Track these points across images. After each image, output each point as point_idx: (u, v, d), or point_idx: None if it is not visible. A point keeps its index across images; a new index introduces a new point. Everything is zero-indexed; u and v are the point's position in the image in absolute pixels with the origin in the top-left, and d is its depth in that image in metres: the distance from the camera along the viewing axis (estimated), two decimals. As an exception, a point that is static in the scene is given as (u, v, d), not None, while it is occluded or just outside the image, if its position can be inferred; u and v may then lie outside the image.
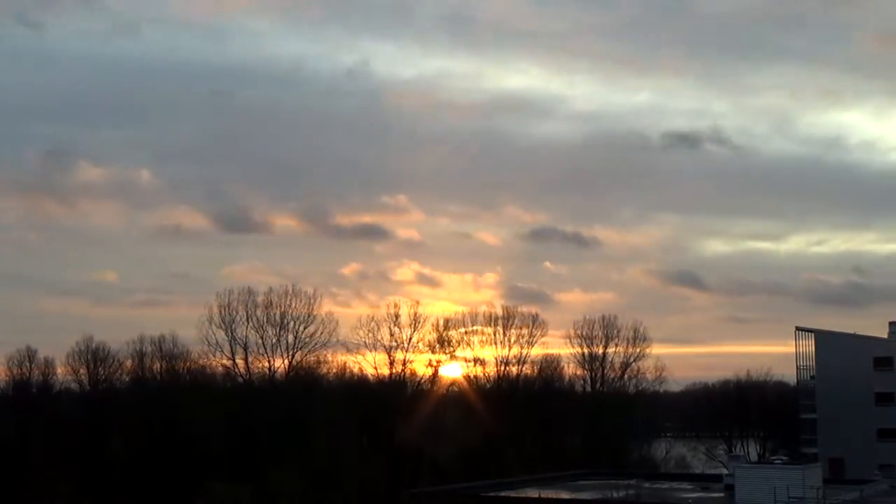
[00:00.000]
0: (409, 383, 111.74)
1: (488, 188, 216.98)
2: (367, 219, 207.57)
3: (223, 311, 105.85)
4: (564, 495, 66.02)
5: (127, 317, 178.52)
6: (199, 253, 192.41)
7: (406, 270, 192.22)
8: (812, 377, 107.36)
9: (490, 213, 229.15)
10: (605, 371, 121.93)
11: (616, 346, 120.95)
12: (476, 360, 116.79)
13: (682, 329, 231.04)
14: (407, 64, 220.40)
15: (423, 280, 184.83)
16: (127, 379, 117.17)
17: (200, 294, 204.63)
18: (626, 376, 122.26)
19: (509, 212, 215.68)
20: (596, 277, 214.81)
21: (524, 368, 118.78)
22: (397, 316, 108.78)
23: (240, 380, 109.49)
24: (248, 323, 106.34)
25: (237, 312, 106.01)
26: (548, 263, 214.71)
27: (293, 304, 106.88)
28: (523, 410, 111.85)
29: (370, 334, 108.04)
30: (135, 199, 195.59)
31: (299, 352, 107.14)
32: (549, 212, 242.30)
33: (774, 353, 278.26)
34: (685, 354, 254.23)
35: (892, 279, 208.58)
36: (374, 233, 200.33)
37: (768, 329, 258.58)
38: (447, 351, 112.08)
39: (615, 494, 63.94)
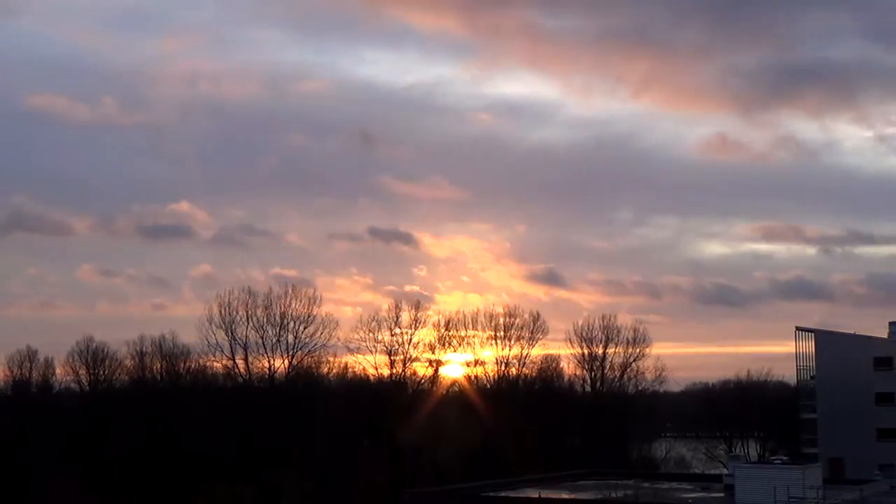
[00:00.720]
0: (409, 383, 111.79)
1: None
2: (166, 221, 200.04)
3: (223, 312, 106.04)
4: (564, 495, 66.08)
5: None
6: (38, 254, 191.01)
7: (264, 273, 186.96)
8: (812, 377, 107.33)
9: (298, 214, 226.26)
10: (605, 371, 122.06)
11: (616, 346, 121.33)
12: (476, 361, 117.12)
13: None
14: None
15: (298, 282, 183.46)
16: (127, 379, 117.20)
17: (61, 298, 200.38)
18: (625, 376, 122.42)
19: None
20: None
21: (524, 369, 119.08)
22: (398, 316, 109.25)
23: (240, 380, 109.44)
24: (248, 323, 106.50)
25: (237, 313, 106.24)
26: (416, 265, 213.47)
27: (293, 305, 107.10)
28: (523, 410, 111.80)
29: (371, 335, 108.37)
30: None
31: (299, 352, 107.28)
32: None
33: (774, 353, 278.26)
34: (686, 354, 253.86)
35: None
36: (180, 234, 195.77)
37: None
38: (447, 350, 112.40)
39: (615, 494, 64.01)
